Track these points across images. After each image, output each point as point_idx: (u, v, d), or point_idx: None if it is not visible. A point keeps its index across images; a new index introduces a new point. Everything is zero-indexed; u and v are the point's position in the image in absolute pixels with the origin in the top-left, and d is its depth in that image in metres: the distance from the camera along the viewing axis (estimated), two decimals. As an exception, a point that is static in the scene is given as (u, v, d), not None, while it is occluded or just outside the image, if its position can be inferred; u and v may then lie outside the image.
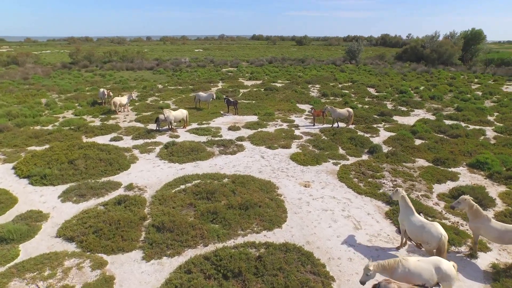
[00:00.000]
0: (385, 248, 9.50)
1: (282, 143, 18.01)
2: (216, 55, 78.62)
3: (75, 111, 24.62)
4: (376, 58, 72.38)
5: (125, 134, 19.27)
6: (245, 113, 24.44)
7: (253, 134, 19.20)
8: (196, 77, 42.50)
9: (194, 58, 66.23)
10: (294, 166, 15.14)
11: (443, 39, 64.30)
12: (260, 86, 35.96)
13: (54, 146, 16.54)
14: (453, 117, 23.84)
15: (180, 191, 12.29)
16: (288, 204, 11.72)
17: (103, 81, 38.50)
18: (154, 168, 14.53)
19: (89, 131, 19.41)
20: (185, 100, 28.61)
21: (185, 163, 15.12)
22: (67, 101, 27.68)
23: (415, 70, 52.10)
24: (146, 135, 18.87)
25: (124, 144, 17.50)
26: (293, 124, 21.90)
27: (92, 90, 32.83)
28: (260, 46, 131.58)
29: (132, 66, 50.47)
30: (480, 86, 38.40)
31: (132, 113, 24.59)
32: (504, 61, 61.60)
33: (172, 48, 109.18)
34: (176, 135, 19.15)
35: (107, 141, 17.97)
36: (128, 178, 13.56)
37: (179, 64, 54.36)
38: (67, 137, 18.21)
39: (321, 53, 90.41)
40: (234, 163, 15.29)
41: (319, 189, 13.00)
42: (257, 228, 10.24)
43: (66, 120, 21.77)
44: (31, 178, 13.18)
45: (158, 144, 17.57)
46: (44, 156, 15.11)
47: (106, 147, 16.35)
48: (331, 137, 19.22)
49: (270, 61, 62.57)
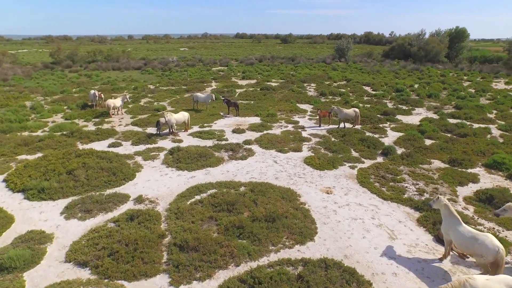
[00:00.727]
0: (427, 259, 8.90)
1: (292, 146, 17.27)
2: (204, 54, 77.15)
3: (65, 114, 23.03)
4: (364, 55, 72.90)
5: (124, 139, 18.02)
6: (246, 114, 23.56)
7: (260, 137, 18.36)
8: (187, 77, 41.17)
9: (181, 57, 64.55)
10: (310, 171, 14.42)
11: (429, 37, 65.33)
12: (255, 86, 35.11)
13: (48, 154, 15.14)
14: (455, 115, 23.79)
15: (196, 203, 11.32)
16: (315, 214, 10.98)
17: (90, 82, 36.61)
18: (162, 177, 13.47)
19: (84, 137, 18.03)
20: (181, 102, 27.42)
21: (195, 170, 14.12)
22: (55, 104, 25.94)
23: (405, 68, 52.56)
24: (146, 140, 17.69)
25: (125, 151, 16.29)
26: (298, 125, 21.19)
27: (80, 92, 31.05)
28: (245, 45, 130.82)
29: (119, 66, 48.48)
30: (471, 84, 38.96)
31: (127, 116, 23.23)
32: (487, 59, 63.27)
33: (156, 47, 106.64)
34: (179, 139, 18.06)
35: (105, 148, 16.70)
36: (136, 189, 12.46)
37: (167, 64, 52.71)
38: (61, 144, 16.80)
39: (308, 51, 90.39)
40: (247, 169, 14.42)
41: (342, 195, 12.34)
42: (289, 243, 9.44)
43: (56, 125, 20.23)
44: (26, 192, 11.86)
45: (162, 149, 16.46)
46: (38, 166, 13.76)
47: (106, 155, 15.10)
48: (341, 138, 18.65)
49: (260, 59, 61.76)
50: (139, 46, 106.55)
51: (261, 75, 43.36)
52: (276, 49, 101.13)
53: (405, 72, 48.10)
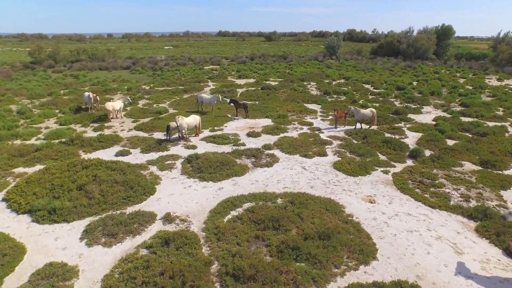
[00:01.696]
0: (509, 278, 8.09)
1: (315, 150, 16.27)
2: (190, 52, 75.00)
3: (59, 119, 21.05)
4: (354, 53, 73.00)
5: (131, 146, 16.44)
6: (255, 116, 22.36)
7: (278, 141, 17.25)
8: (181, 76, 39.41)
9: (170, 56, 62.32)
10: (344, 177, 13.46)
11: (418, 34, 66.02)
12: (255, 85, 33.92)
13: (50, 167, 13.43)
14: (466, 113, 23.52)
15: (234, 220, 10.10)
16: (367, 227, 10.02)
17: (78, 83, 34.25)
18: (187, 190, 12.12)
19: (87, 145, 16.32)
20: (182, 103, 25.87)
21: (221, 180, 12.85)
22: (44, 108, 23.80)
23: (398, 65, 52.69)
24: (157, 146, 16.19)
25: (135, 160, 14.78)
26: (313, 127, 20.21)
27: (69, 94, 28.84)
28: (230, 43, 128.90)
29: (106, 66, 45.95)
30: (466, 81, 39.27)
31: (127, 119, 21.52)
32: (473, 56, 64.66)
33: (140, 46, 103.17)
34: (192, 145, 16.67)
35: (112, 157, 15.12)
36: (160, 205, 11.08)
37: (156, 63, 50.54)
38: (62, 154, 15.06)
39: (295, 49, 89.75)
40: (277, 177, 13.28)
41: (387, 204, 11.44)
42: (352, 263, 8.42)
43: (51, 131, 18.33)
44: (34, 214, 10.26)
45: (176, 157, 15.05)
46: (42, 181, 12.10)
47: (117, 165, 13.54)
48: (362, 140, 17.82)
49: (252, 58, 60.51)
50: (121, 45, 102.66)
51: (257, 74, 42.16)
52: (262, 47, 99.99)
53: (399, 70, 48.16)
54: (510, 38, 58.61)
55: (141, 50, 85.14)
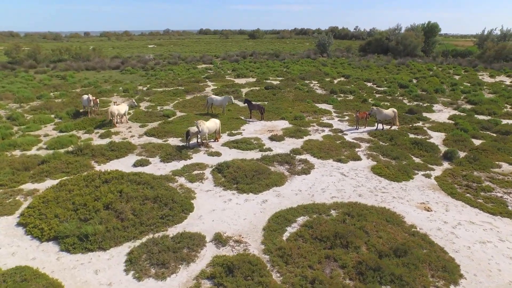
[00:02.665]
0: None
1: (346, 154, 15.46)
2: (177, 51, 72.71)
3: (58, 125, 19.18)
4: (343, 50, 73.12)
5: (148, 155, 15.01)
6: (269, 118, 21.31)
7: (306, 145, 16.31)
8: (177, 76, 37.69)
9: (158, 55, 60.02)
10: (388, 183, 12.70)
11: (406, 31, 66.84)
12: (257, 84, 32.85)
13: (65, 182, 11.88)
14: (478, 111, 23.44)
15: (295, 238, 9.07)
16: (435, 239, 9.27)
17: (67, 85, 31.88)
18: (228, 204, 10.96)
19: (98, 154, 14.75)
20: (187, 105, 24.42)
21: (261, 192, 11.76)
22: (37, 112, 21.75)
23: (390, 63, 52.92)
24: (177, 154, 14.84)
25: (158, 171, 13.42)
26: (334, 128, 19.41)
27: (61, 96, 26.69)
28: (214, 41, 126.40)
29: (93, 66, 43.39)
30: (462, 78, 39.75)
31: (134, 124, 19.92)
32: (458, 52, 66.16)
33: (122, 44, 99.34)
34: (215, 151, 15.44)
35: (130, 167, 13.70)
36: (205, 224, 9.87)
37: (147, 62, 48.36)
38: (73, 166, 13.46)
39: (281, 47, 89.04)
40: (319, 185, 12.34)
41: (444, 212, 10.76)
42: (440, 283, 7.62)
43: (53, 140, 16.56)
44: (62, 242, 8.81)
45: (203, 166, 13.79)
46: (61, 199, 10.60)
47: (140, 178, 12.17)
48: (389, 142, 17.19)
49: (244, 56, 59.23)
50: (102, 44, 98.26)
51: (254, 73, 41.00)
52: (248, 45, 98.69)
53: (393, 67, 48.33)
54: (493, 36, 60.37)
55: (124, 49, 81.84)
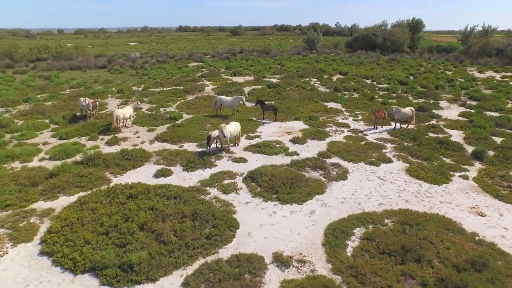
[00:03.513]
0: None
1: (375, 155, 14.87)
2: (161, 49, 70.27)
3: (57, 132, 17.48)
4: (330, 47, 73.20)
5: (167, 163, 13.78)
6: (283, 118, 20.43)
7: (331, 147, 15.59)
8: (170, 75, 36.02)
9: (144, 53, 57.65)
10: (429, 186, 12.18)
11: (392, 27, 67.56)
12: (257, 83, 31.88)
13: (84, 199, 10.55)
14: (485, 107, 23.54)
15: (361, 254, 8.31)
16: (505, 248, 8.76)
17: (54, 86, 29.62)
18: (275, 218, 10.02)
19: (111, 164, 13.37)
20: (192, 106, 23.08)
21: (304, 201, 10.91)
22: (28, 117, 19.85)
23: (380, 59, 53.24)
24: (200, 161, 13.69)
25: (183, 181, 12.27)
26: (352, 129, 18.79)
27: (51, 99, 24.66)
28: (196, 38, 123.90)
29: (78, 65, 40.84)
30: (454, 73, 40.38)
31: (140, 128, 18.49)
32: (442, 48, 67.72)
33: (101, 42, 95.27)
34: (240, 157, 14.40)
35: (151, 178, 12.48)
36: (257, 242, 8.90)
37: (134, 61, 46.18)
38: (87, 179, 12.06)
39: (266, 43, 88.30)
40: (361, 192, 11.63)
41: (498, 216, 10.33)
42: (535, 303, 7.06)
43: (55, 149, 14.96)
44: (102, 274, 7.58)
45: (232, 175, 12.76)
46: (85, 221, 9.33)
47: (169, 191, 11.01)
48: (413, 142, 16.77)
49: (233, 53, 57.95)
50: (79, 42, 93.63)
51: (249, 70, 39.91)
52: (231, 42, 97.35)
53: (385, 63, 48.56)
54: (476, 32, 62.13)
55: (104, 47, 78.38)
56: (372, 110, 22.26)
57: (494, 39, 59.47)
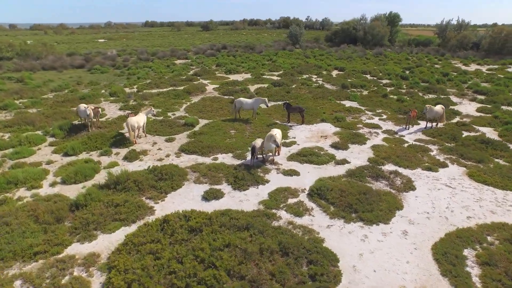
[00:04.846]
0: None
1: (426, 159, 14.01)
2: (135, 45, 66.12)
3: (59, 146, 14.85)
4: (313, 41, 72.74)
5: (210, 181, 11.92)
6: (309, 120, 19.02)
7: (377, 152, 14.52)
8: (160, 75, 33.29)
9: (121, 50, 53.59)
10: (503, 193, 11.41)
11: (373, 21, 68.09)
12: (257, 81, 30.23)
13: (136, 239, 8.54)
14: (497, 101, 23.62)
15: (492, 284, 7.18)
16: None
17: (31, 89, 26.00)
18: (369, 244, 8.64)
19: (145, 187, 11.28)
20: (203, 109, 21.00)
21: (389, 219, 9.66)
22: (15, 129, 16.90)
23: (366, 53, 53.32)
24: (248, 177, 11.96)
25: (240, 203, 10.57)
26: (386, 130, 17.80)
27: (35, 105, 21.47)
28: (168, 34, 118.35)
29: (52, 65, 36.67)
30: (444, 67, 41.10)
31: (157, 138, 16.28)
32: (420, 42, 69.51)
33: (65, 39, 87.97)
34: (290, 169, 12.82)
35: (201, 202, 10.66)
36: (369, 278, 7.48)
37: (114, 59, 42.53)
38: (124, 209, 9.95)
39: (241, 38, 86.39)
40: (440, 204, 10.59)
41: None
42: None
43: (66, 169, 12.51)
44: None
45: (291, 191, 11.21)
46: (153, 272, 7.46)
47: (236, 219, 9.29)
48: (453, 142, 16.10)
49: (218, 49, 55.55)
50: (40, 38, 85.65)
51: (243, 68, 38.05)
52: (204, 37, 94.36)
53: (374, 58, 48.65)
54: (451, 26, 64.33)
55: (71, 44, 72.49)
56: (393, 108, 21.59)
57: (470, 32, 61.81)
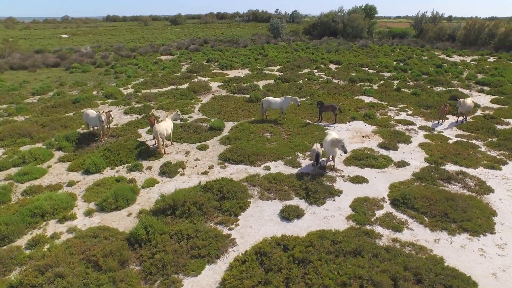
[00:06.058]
0: None
1: (480, 157, 13.48)
2: (106, 41, 61.56)
3: (73, 162, 12.52)
4: (290, 34, 71.93)
5: (278, 196, 10.40)
6: (340, 119, 17.97)
7: (428, 151, 13.89)
8: (150, 72, 30.63)
9: (95, 47, 49.33)
10: None
11: (351, 13, 68.30)
12: (261, 77, 28.71)
13: (235, 281, 6.96)
14: (506, 92, 23.94)
15: None
16: None
17: (9, 93, 22.56)
18: (492, 260, 7.76)
19: (209, 210, 9.55)
20: (222, 110, 19.19)
21: (492, 228, 8.84)
22: (10, 144, 14.21)
23: (351, 46, 53.33)
24: (319, 189, 10.56)
25: (325, 221, 9.29)
26: (421, 126, 17.14)
27: (21, 112, 18.52)
28: (136, 28, 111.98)
29: (22, 64, 32.49)
30: (433, 58, 41.78)
31: (185, 145, 14.37)
32: (396, 34, 70.97)
33: (22, 34, 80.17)
34: (357, 175, 11.64)
35: (280, 222, 9.24)
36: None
37: (92, 56, 38.81)
38: (201, 242, 8.24)
39: (214, 32, 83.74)
40: (534, 207, 9.97)
41: None
42: None
43: (99, 192, 10.43)
44: None
45: (374, 202, 10.08)
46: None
47: (338, 242, 8.01)
48: (494, 136, 15.73)
49: (201, 44, 52.99)
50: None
51: (236, 63, 36.19)
52: (175, 32, 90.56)
53: (361, 50, 48.69)
54: (426, 18, 66.33)
55: (30, 40, 66.02)
56: (413, 103, 21.14)
57: (446, 24, 64.09)
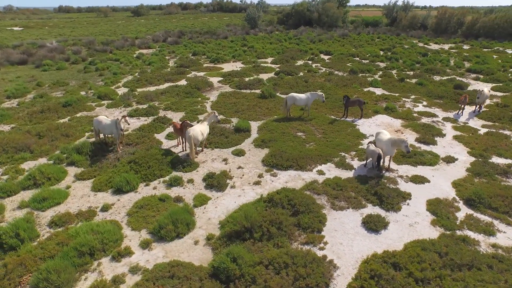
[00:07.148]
0: None
1: (522, 148, 13.58)
2: (66, 34, 56.50)
3: (97, 179, 10.74)
4: (268, 24, 70.65)
5: (349, 204, 9.56)
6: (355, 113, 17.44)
7: (467, 144, 13.77)
8: (137, 67, 28.16)
9: (62, 41, 44.77)
10: None
11: (327, 3, 68.01)
12: (259, 70, 27.48)
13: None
14: (501, 80, 24.74)
15: None
16: None
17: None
18: None
19: (289, 229, 8.43)
20: (239, 109, 17.79)
21: None
22: (4, 160, 12.03)
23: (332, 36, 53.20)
24: (389, 193, 9.85)
25: (411, 229, 8.62)
26: (444, 117, 17.08)
27: (2, 120, 15.92)
28: (97, 20, 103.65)
29: (-17, 62, 28.46)
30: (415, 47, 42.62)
31: (220, 151, 13.00)
32: (369, 22, 72.15)
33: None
34: (415, 176, 11.08)
35: (370, 235, 8.43)
36: None
37: (63, 51, 35.03)
38: (302, 270, 7.22)
39: (183, 24, 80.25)
40: None
41: None
42: None
43: (146, 218, 8.96)
44: None
45: (447, 203, 9.54)
46: None
47: (446, 255, 7.37)
48: (520, 126, 16.04)
49: (179, 36, 50.14)
50: None
51: (225, 55, 34.51)
52: (141, 23, 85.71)
53: (342, 40, 48.67)
54: (398, 7, 67.97)
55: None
56: (422, 93, 21.16)
57: (419, 12, 66.04)
